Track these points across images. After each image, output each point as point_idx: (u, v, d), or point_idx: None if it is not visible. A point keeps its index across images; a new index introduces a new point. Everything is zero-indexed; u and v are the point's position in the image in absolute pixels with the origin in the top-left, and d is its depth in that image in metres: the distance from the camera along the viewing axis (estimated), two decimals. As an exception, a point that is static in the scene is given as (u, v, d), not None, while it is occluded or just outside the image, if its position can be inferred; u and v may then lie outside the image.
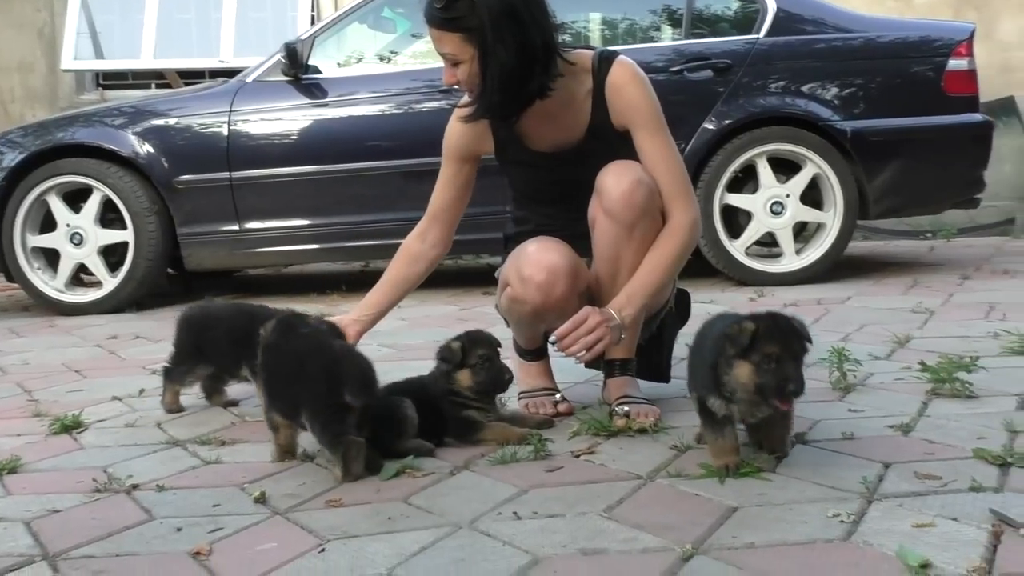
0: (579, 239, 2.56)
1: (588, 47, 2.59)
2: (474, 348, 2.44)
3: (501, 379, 2.46)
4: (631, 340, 2.58)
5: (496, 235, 2.96)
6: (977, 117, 5.40)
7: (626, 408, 2.50)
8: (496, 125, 2.58)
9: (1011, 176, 7.80)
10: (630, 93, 2.48)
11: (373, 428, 2.35)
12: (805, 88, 5.31)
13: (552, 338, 2.42)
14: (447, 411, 2.44)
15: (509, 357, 2.67)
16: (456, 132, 2.65)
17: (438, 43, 2.38)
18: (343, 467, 2.16)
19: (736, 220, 5.32)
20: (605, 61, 2.51)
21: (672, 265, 2.47)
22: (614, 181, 2.41)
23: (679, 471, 2.10)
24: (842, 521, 1.76)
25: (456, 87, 2.49)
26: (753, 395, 1.98)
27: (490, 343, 2.48)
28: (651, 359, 2.75)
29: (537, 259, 2.47)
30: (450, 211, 2.72)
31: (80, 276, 5.68)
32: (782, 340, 1.96)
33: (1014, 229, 7.73)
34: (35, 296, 5.54)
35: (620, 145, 2.50)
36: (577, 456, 2.27)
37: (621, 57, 2.52)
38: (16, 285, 5.73)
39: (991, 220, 7.78)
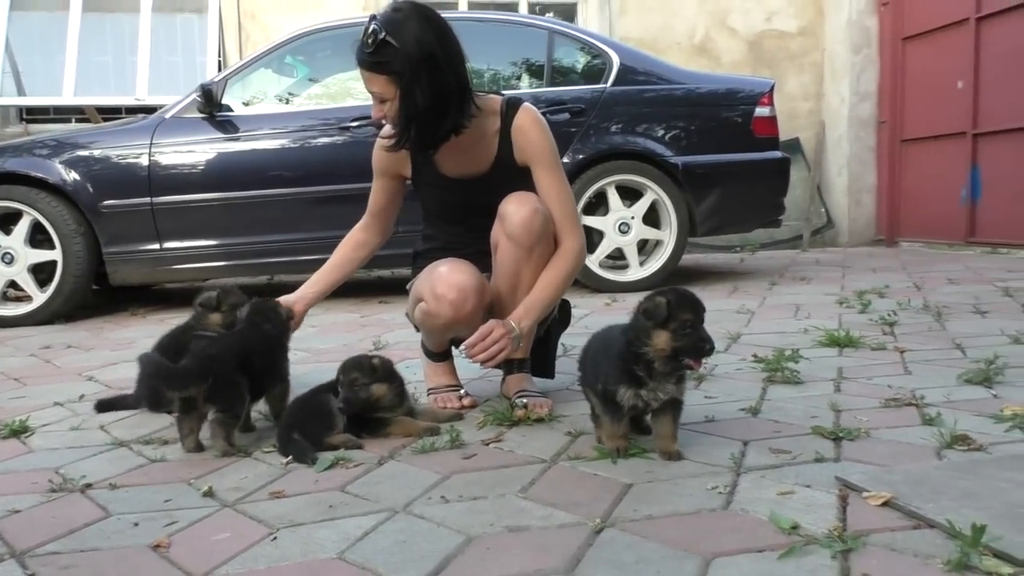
0: (480, 256, 2.51)
1: (497, 92, 2.55)
2: (340, 374, 2.31)
3: (357, 399, 2.27)
4: (527, 344, 2.54)
5: (405, 251, 2.88)
6: (778, 154, 5.63)
7: (524, 400, 2.45)
8: (415, 152, 2.52)
9: (798, 201, 8.18)
10: (532, 135, 2.45)
11: (306, 424, 2.25)
12: (643, 129, 5.41)
13: (461, 347, 2.36)
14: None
15: (417, 358, 2.58)
16: (379, 156, 2.59)
17: (368, 83, 2.30)
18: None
19: (591, 238, 5.35)
20: (512, 106, 2.47)
21: (563, 284, 2.44)
22: (515, 209, 2.37)
23: (577, 454, 2.07)
24: (720, 492, 1.75)
25: (383, 122, 2.41)
26: (671, 358, 1.91)
27: (345, 370, 2.30)
28: (538, 358, 2.71)
29: (448, 279, 2.39)
30: (386, 211, 2.70)
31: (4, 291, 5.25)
32: (692, 308, 1.91)
33: (802, 243, 8.12)
34: (-33, 310, 5.08)
35: (520, 178, 2.46)
36: (487, 444, 2.20)
37: (526, 104, 2.48)
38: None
39: (784, 236, 8.16)
